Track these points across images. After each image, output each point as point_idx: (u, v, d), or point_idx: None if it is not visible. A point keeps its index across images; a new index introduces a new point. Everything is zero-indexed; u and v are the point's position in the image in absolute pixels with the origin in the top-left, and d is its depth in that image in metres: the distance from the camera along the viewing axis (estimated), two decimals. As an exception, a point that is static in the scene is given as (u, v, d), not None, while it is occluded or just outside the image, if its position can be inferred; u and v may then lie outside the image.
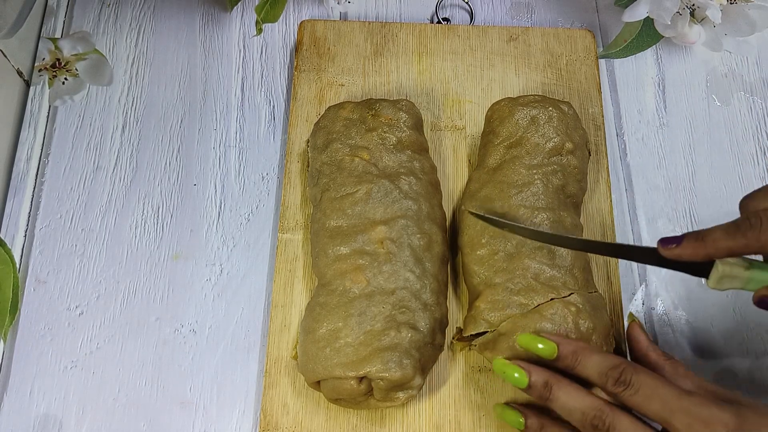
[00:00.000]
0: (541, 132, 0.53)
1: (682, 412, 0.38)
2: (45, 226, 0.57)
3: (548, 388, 0.42)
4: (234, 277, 0.56)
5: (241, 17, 0.66)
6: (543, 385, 0.43)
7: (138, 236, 0.57)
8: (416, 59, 0.62)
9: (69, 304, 0.55)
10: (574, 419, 0.41)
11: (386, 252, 0.49)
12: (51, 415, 0.51)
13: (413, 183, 0.52)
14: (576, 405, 0.41)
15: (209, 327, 0.54)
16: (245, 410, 0.52)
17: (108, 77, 0.63)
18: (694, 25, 0.62)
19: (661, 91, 0.64)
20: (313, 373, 0.47)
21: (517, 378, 0.43)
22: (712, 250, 0.38)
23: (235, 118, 0.62)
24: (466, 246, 0.52)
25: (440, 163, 0.58)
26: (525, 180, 0.51)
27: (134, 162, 0.60)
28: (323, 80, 0.61)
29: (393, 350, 0.45)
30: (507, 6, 0.67)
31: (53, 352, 0.53)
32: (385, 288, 0.48)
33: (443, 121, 0.60)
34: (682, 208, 0.59)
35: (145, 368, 0.53)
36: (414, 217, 0.51)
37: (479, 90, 0.61)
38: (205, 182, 0.59)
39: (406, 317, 0.47)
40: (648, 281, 0.56)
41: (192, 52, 0.64)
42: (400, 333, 0.46)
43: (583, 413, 0.41)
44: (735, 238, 0.37)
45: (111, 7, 0.66)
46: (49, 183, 0.59)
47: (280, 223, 0.56)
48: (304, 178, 0.58)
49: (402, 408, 0.50)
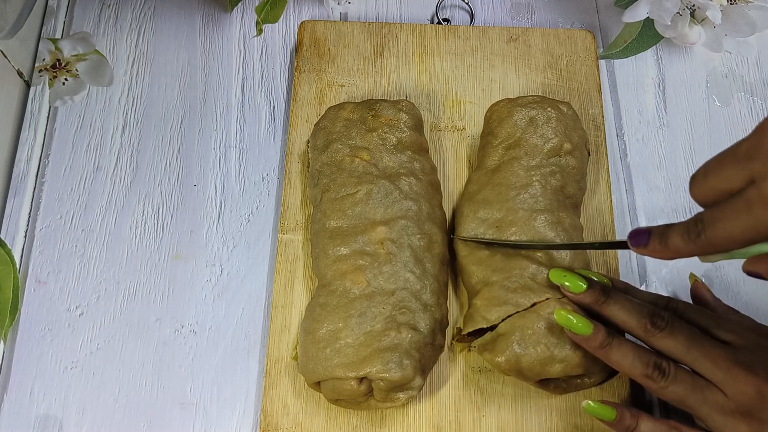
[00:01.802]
0: (540, 133, 0.53)
1: (720, 359, 0.42)
2: (45, 226, 0.57)
3: (610, 337, 0.44)
4: (234, 278, 0.56)
5: (241, 18, 0.66)
6: (607, 334, 0.44)
7: (138, 237, 0.57)
8: (416, 60, 0.62)
9: (69, 305, 0.55)
10: (635, 367, 0.43)
11: (386, 252, 0.49)
12: (51, 415, 0.51)
13: (413, 184, 0.52)
14: (636, 352, 0.44)
15: (209, 327, 0.54)
16: (245, 411, 0.52)
17: (108, 78, 0.63)
18: (695, 25, 0.62)
19: (662, 92, 0.64)
20: (313, 374, 0.47)
21: (583, 327, 0.44)
22: (676, 254, 0.39)
23: (235, 118, 0.62)
24: (463, 248, 0.52)
25: (440, 163, 0.58)
26: (523, 182, 0.51)
27: (134, 162, 0.60)
28: (323, 81, 0.61)
29: (393, 351, 0.45)
30: (507, 6, 0.67)
31: (53, 353, 0.53)
32: (386, 289, 0.48)
33: (443, 122, 0.60)
34: (682, 208, 0.59)
35: (145, 369, 0.53)
36: (414, 218, 0.51)
37: (479, 90, 0.61)
38: (206, 183, 0.59)
39: (407, 318, 0.47)
40: (648, 281, 0.56)
41: (192, 53, 0.65)
42: (401, 334, 0.46)
43: (643, 360, 0.43)
44: (689, 244, 0.37)
45: (111, 7, 0.66)
46: (50, 183, 0.59)
47: (281, 223, 0.56)
48: (304, 178, 0.58)
49: (402, 409, 0.50)
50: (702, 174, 0.37)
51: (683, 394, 0.42)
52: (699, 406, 0.42)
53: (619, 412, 0.44)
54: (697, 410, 0.42)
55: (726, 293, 0.56)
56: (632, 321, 0.44)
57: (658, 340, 0.43)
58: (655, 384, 0.43)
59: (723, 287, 0.56)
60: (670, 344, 0.43)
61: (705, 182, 0.37)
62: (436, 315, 0.49)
